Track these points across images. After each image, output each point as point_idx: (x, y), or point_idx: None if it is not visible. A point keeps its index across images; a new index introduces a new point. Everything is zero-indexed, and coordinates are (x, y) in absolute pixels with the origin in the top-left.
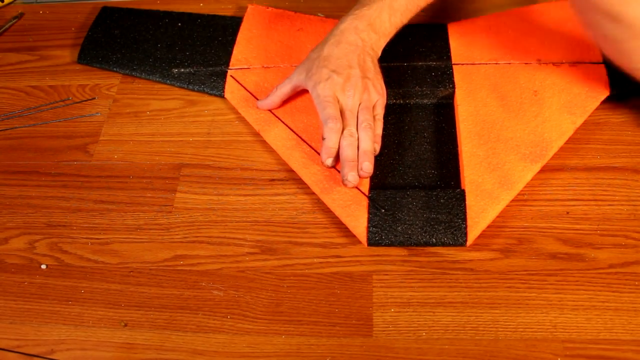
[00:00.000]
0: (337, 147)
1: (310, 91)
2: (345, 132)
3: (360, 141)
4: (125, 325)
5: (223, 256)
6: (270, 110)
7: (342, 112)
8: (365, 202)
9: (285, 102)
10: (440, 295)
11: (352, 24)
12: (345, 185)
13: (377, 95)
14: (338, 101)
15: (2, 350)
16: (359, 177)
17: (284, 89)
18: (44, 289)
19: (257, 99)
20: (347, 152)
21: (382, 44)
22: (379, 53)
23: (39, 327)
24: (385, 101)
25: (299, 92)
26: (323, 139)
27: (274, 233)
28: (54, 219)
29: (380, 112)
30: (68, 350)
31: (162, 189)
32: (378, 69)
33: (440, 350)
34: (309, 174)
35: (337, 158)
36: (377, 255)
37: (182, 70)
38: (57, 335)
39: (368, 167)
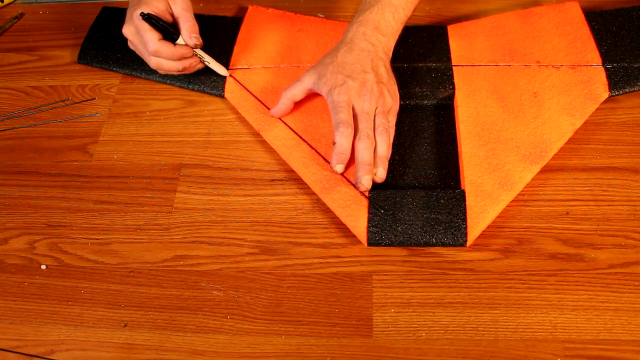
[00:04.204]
0: (347, 153)
1: (325, 96)
2: (362, 133)
3: (377, 146)
4: (125, 325)
5: (223, 256)
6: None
7: (357, 116)
8: (365, 202)
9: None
10: (440, 296)
11: (359, 30)
12: (357, 187)
13: (392, 101)
14: (352, 107)
15: (2, 350)
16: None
17: (295, 92)
18: (43, 289)
19: (258, 100)
20: (364, 155)
21: (392, 44)
22: (390, 55)
23: (39, 327)
24: (398, 108)
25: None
26: (334, 143)
27: (273, 233)
28: (54, 219)
29: (392, 119)
30: (68, 350)
31: (162, 189)
32: (391, 74)
33: (440, 350)
34: (309, 173)
35: (346, 165)
36: (377, 256)
37: None
38: (57, 336)
39: (382, 173)
